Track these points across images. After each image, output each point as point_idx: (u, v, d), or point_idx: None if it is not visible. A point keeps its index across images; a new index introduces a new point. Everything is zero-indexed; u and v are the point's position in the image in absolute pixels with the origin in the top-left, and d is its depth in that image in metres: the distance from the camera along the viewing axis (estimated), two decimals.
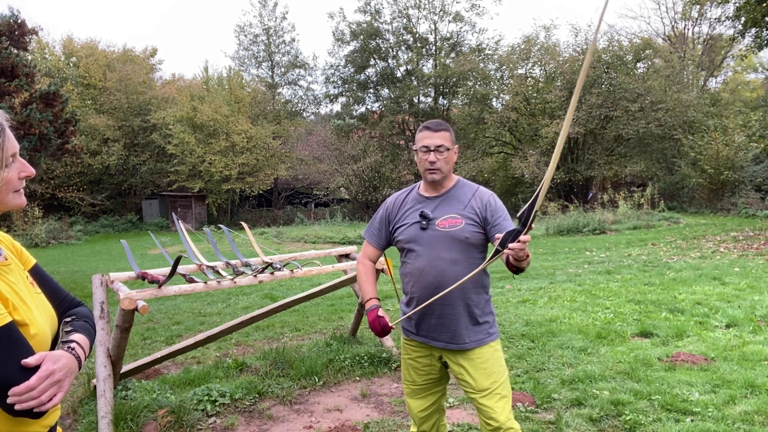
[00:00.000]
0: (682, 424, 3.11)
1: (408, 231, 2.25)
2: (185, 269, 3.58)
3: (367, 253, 2.39)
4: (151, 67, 31.94)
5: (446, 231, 2.17)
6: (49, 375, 1.11)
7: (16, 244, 1.38)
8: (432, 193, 2.27)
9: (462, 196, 2.24)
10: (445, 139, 2.17)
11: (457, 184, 2.28)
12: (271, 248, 12.21)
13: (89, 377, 3.90)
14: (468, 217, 2.18)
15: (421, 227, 2.20)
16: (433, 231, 2.18)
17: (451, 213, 2.19)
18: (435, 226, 2.19)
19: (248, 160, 25.76)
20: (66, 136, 11.97)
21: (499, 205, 2.24)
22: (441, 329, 2.21)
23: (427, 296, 2.15)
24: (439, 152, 2.16)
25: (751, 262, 8.55)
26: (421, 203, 2.27)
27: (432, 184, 2.25)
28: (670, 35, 30.64)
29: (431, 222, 2.19)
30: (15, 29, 11.85)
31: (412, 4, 27.52)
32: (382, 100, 28.78)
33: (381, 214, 2.38)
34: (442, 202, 2.24)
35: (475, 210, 2.20)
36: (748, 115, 20.42)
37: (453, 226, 2.17)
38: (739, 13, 12.85)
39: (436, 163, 2.17)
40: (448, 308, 2.18)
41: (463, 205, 2.21)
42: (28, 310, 1.19)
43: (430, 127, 2.20)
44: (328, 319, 6.10)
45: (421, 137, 2.21)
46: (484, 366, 2.21)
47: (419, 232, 2.21)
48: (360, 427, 3.35)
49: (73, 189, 25.62)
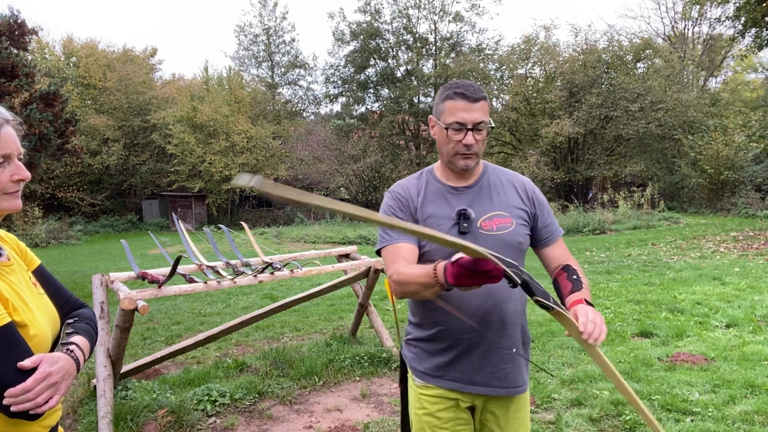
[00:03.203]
0: (682, 424, 3.11)
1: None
2: (185, 269, 3.58)
3: (403, 256, 1.60)
4: (151, 67, 31.96)
5: (494, 234, 1.62)
6: (46, 377, 1.11)
7: (21, 245, 1.38)
8: (460, 182, 1.69)
9: (500, 184, 1.71)
10: (486, 111, 1.58)
11: (487, 168, 1.75)
12: (271, 248, 12.20)
13: (89, 377, 3.90)
14: (517, 215, 1.67)
15: (460, 231, 1.60)
16: (476, 235, 1.60)
17: (495, 210, 1.66)
18: (478, 228, 1.62)
19: (248, 160, 25.76)
20: (66, 136, 11.98)
21: (543, 196, 1.78)
22: (485, 368, 1.65)
23: (468, 327, 1.60)
24: (478, 131, 1.57)
25: (751, 262, 8.55)
26: (450, 196, 1.67)
27: (461, 171, 1.66)
28: (670, 35, 30.65)
29: (472, 223, 1.61)
30: (15, 29, 11.86)
31: (412, 4, 27.53)
32: (382, 100, 28.78)
33: (394, 205, 1.70)
34: (478, 194, 1.67)
35: (524, 203, 1.70)
36: (748, 115, 20.40)
37: (502, 228, 1.63)
38: (739, 13, 12.86)
39: (474, 147, 1.58)
40: (505, 340, 1.64)
41: (507, 197, 1.69)
42: (29, 311, 1.19)
43: (467, 94, 1.55)
44: (328, 319, 6.10)
45: (452, 108, 1.57)
46: (518, 415, 1.73)
47: (457, 237, 1.51)
48: (360, 427, 3.35)
49: (73, 189, 25.61)
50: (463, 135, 1.57)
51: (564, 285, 1.60)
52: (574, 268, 1.65)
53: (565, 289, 1.58)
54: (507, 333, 1.64)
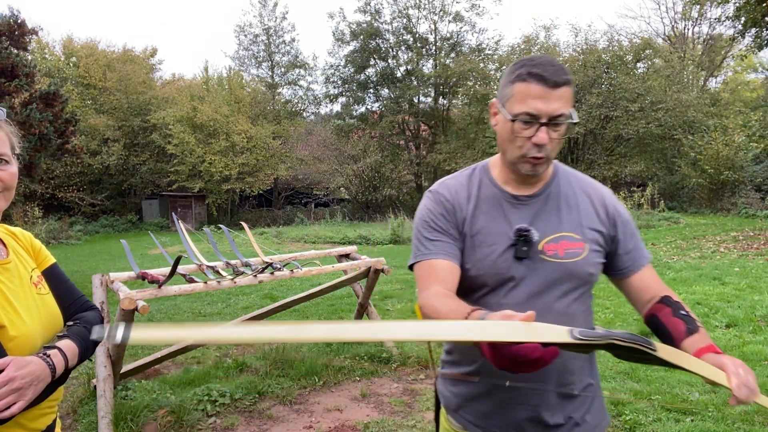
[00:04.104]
0: (682, 424, 3.12)
1: (492, 260, 1.27)
2: (185, 269, 3.58)
3: (439, 278, 1.25)
4: (151, 67, 31.94)
5: (560, 263, 1.26)
6: (8, 382, 1.05)
7: (35, 243, 1.36)
8: (523, 190, 1.32)
9: (572, 196, 1.33)
10: (568, 101, 1.20)
11: (558, 172, 1.36)
12: (271, 248, 12.20)
13: (89, 377, 3.90)
14: (591, 238, 1.29)
15: (516, 255, 1.26)
16: (538, 261, 1.26)
17: (563, 229, 1.29)
18: (540, 251, 1.26)
19: (248, 160, 25.76)
20: (66, 136, 11.99)
21: (626, 212, 1.39)
22: (532, 427, 1.31)
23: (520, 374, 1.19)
24: (555, 127, 1.19)
25: (751, 262, 8.55)
26: (509, 206, 1.31)
27: (526, 176, 1.29)
28: (670, 35, 30.65)
29: (533, 246, 1.26)
30: (15, 29, 11.86)
31: (412, 4, 27.53)
32: (382, 100, 28.77)
33: (436, 212, 1.33)
34: (543, 207, 1.31)
35: (600, 223, 1.32)
36: (748, 115, 20.39)
37: (572, 255, 1.27)
38: (739, 13, 12.85)
39: (546, 147, 1.21)
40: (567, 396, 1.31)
41: (580, 213, 1.31)
42: (12, 312, 1.16)
43: (545, 76, 1.16)
44: (328, 319, 6.10)
45: (523, 93, 1.19)
46: None
47: (513, 263, 1.26)
48: (360, 427, 3.35)
49: (73, 189, 25.60)
50: (534, 131, 1.19)
51: (671, 324, 1.23)
52: (676, 300, 1.27)
53: (675, 330, 1.22)
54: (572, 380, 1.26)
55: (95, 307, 1.41)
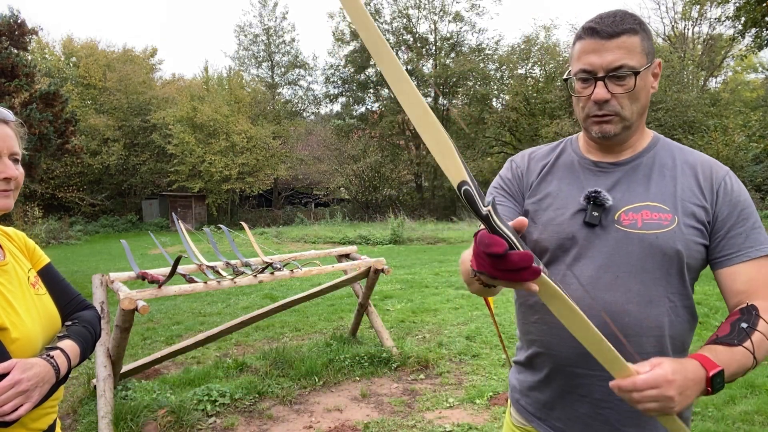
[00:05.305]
0: None
1: (558, 224, 1.18)
2: (185, 269, 3.59)
3: None
4: (151, 67, 31.97)
5: (635, 233, 1.12)
6: (15, 384, 1.06)
7: (29, 243, 1.36)
8: (607, 157, 1.21)
9: (670, 166, 1.18)
10: (631, 51, 1.09)
11: (657, 143, 1.23)
12: (271, 248, 12.21)
13: (89, 377, 3.90)
14: (686, 211, 1.12)
15: (586, 221, 1.15)
16: (611, 230, 1.14)
17: (649, 199, 1.14)
18: (615, 220, 1.14)
19: (248, 160, 25.77)
20: (66, 136, 12.00)
21: (745, 194, 1.16)
22: (597, 425, 1.17)
23: (574, 354, 1.14)
24: (617, 81, 1.09)
25: None
26: (587, 173, 1.22)
27: (604, 143, 1.19)
28: (670, 35, 30.64)
29: (608, 213, 1.14)
30: (15, 29, 11.87)
31: (412, 4, 27.54)
32: (382, 100, 28.79)
33: (502, 179, 1.30)
34: (629, 175, 1.18)
35: (702, 197, 1.14)
36: (748, 115, 20.41)
37: (653, 225, 1.11)
38: (739, 13, 12.85)
39: (610, 104, 1.11)
40: None
41: (676, 184, 1.15)
42: (13, 313, 1.16)
43: (597, 29, 1.10)
44: (328, 319, 6.10)
45: (579, 50, 1.13)
46: None
47: (581, 229, 1.15)
48: (360, 427, 3.35)
49: (73, 189, 25.61)
50: (591, 87, 1.10)
51: (720, 329, 1.06)
52: (758, 313, 1.05)
53: (717, 335, 1.05)
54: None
55: (92, 305, 1.41)
